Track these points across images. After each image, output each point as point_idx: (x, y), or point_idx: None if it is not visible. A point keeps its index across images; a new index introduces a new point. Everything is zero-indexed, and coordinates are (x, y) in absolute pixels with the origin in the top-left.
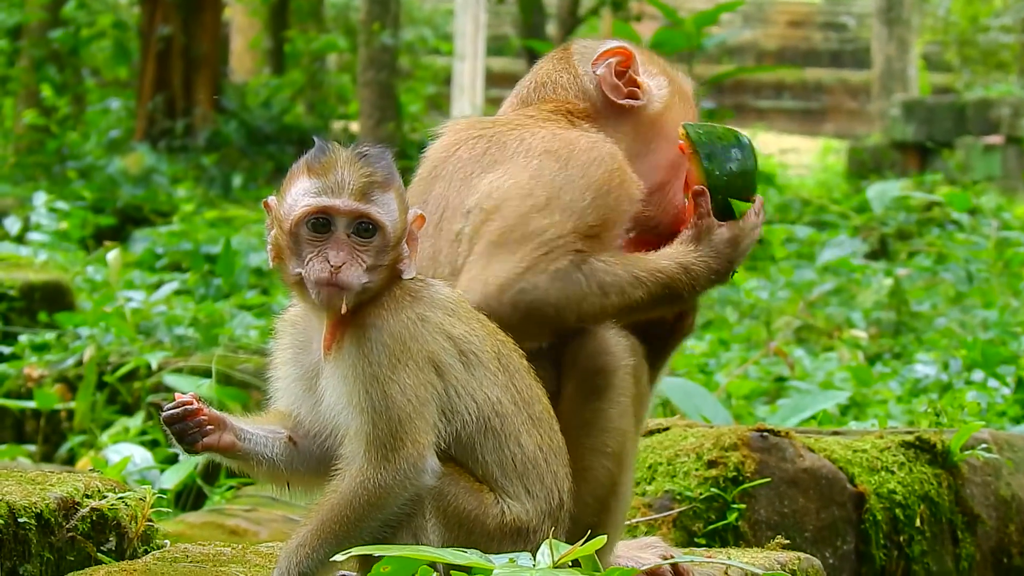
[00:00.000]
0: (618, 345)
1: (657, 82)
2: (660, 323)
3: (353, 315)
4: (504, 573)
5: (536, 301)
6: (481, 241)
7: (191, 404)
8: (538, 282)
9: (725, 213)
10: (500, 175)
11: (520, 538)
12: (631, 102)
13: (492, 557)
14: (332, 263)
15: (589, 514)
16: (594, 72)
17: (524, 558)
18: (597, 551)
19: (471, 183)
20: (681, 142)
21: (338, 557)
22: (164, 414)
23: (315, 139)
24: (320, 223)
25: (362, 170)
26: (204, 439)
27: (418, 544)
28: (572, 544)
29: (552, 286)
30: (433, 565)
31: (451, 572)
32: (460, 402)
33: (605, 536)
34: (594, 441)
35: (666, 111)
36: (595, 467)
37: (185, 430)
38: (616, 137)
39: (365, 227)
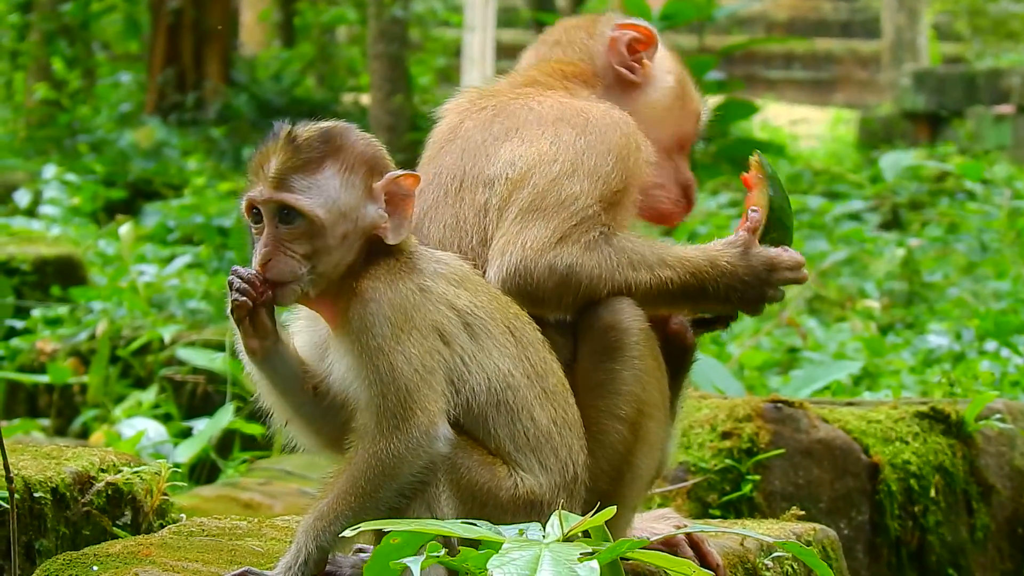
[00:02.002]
0: (632, 309)
1: (663, 77)
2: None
3: (353, 288)
4: (514, 545)
5: (571, 268)
6: (512, 208)
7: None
8: (572, 251)
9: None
10: (518, 143)
11: (534, 511)
12: (626, 72)
13: (502, 529)
14: (258, 260)
15: (603, 482)
16: (608, 33)
17: (534, 530)
18: (611, 524)
19: (487, 151)
20: (750, 171)
21: (347, 532)
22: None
23: (273, 124)
24: (255, 215)
25: (284, 155)
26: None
27: (432, 516)
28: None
29: (584, 256)
30: (445, 539)
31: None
32: (468, 373)
33: (615, 507)
34: (607, 403)
35: (661, 102)
36: (608, 431)
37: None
38: None
39: (286, 214)
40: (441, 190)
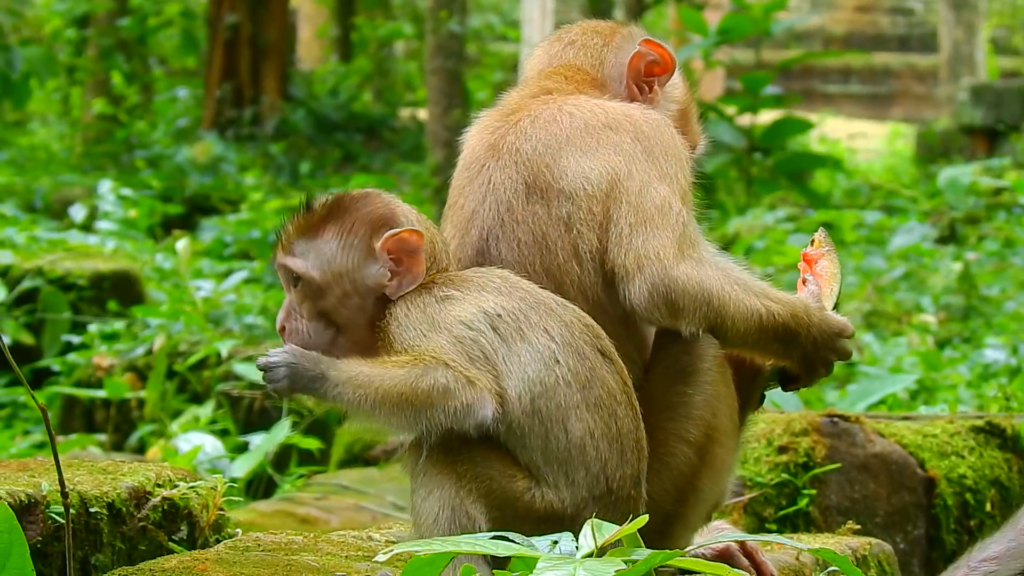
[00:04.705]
0: (708, 335)
1: (667, 105)
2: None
3: (387, 317)
4: (548, 564)
5: (700, 282)
6: (621, 224)
7: None
8: (690, 265)
9: None
10: (579, 155)
11: (552, 525)
12: (635, 90)
13: (535, 540)
14: (278, 323)
15: (667, 502)
16: (632, 47)
17: (567, 541)
18: (671, 544)
19: (545, 163)
20: (812, 246)
21: (379, 557)
22: None
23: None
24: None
25: (294, 221)
26: None
27: (467, 529)
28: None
29: (703, 270)
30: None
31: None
32: (507, 368)
33: (647, 516)
34: (676, 426)
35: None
36: (676, 454)
37: None
38: None
39: (295, 277)
40: (502, 207)
